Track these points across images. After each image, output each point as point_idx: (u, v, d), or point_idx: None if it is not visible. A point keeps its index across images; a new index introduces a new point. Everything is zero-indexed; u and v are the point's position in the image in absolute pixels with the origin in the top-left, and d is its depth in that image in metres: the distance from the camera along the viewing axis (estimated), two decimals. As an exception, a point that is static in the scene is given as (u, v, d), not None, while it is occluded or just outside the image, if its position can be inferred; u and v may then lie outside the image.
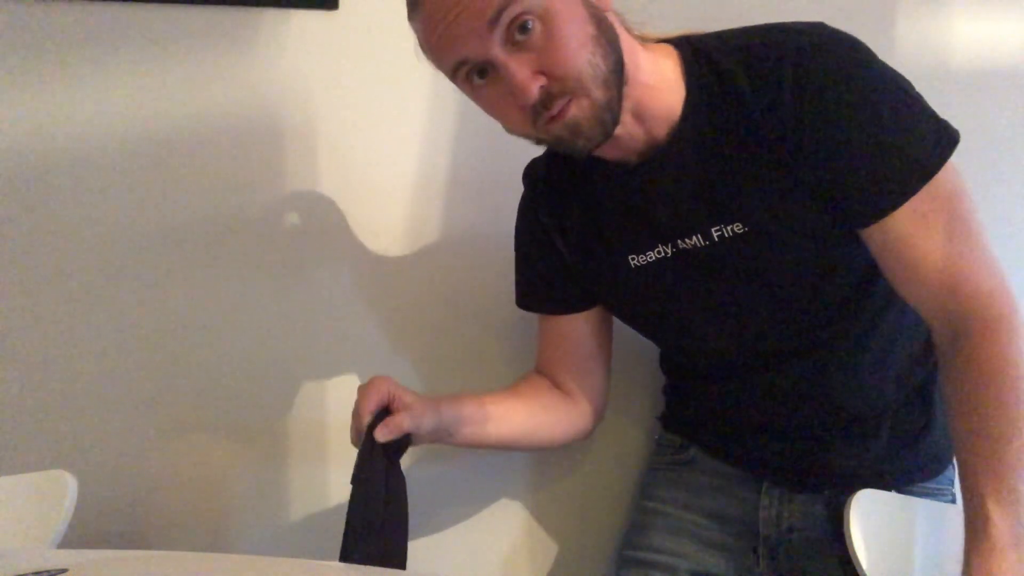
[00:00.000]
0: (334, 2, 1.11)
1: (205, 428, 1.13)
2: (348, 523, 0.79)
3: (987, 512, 0.69)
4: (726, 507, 0.97)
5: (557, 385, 1.02)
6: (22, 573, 0.56)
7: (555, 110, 0.73)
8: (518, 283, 1.02)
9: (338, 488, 1.14)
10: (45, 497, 0.89)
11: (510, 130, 0.80)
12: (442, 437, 0.92)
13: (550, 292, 0.99)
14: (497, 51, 0.71)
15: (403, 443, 0.86)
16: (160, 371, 1.12)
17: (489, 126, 0.80)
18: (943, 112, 0.74)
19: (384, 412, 0.86)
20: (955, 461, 0.95)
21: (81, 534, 0.94)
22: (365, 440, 0.83)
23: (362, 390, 0.87)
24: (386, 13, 1.11)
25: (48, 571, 0.57)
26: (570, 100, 0.73)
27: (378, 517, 0.80)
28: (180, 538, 1.13)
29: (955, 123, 0.75)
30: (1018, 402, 0.71)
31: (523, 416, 0.98)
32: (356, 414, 0.86)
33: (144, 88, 1.10)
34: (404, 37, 0.77)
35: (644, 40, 0.82)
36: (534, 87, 0.71)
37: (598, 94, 0.73)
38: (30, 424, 1.10)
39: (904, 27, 1.16)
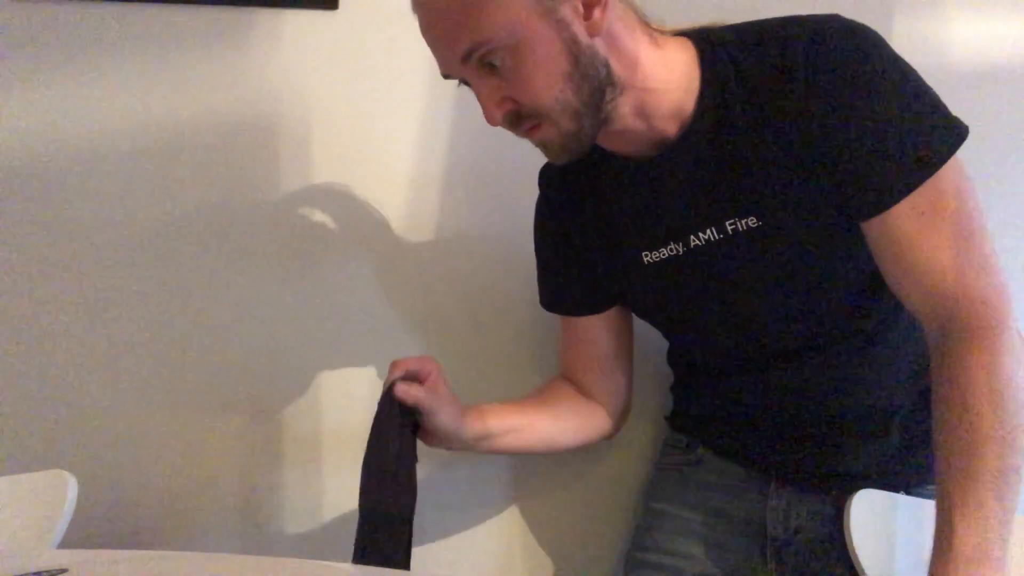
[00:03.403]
0: (334, 2, 1.11)
1: (206, 428, 1.13)
2: (366, 465, 0.84)
3: (952, 524, 0.68)
4: (734, 507, 0.97)
5: (579, 388, 1.02)
6: (22, 573, 0.57)
7: (522, 130, 0.78)
8: (541, 286, 1.02)
9: (336, 488, 1.14)
10: (45, 497, 0.89)
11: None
12: (465, 447, 0.92)
13: (572, 294, 0.99)
14: (470, 75, 0.76)
15: (415, 421, 0.88)
16: (161, 371, 1.12)
17: (487, 124, 0.80)
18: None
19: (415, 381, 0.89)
20: None
21: (81, 534, 0.94)
22: (384, 393, 0.87)
23: (411, 358, 0.90)
24: (386, 13, 1.10)
25: (48, 571, 0.57)
26: (539, 124, 0.77)
27: (391, 464, 0.84)
28: (180, 538, 1.13)
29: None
30: (993, 413, 0.70)
31: (545, 424, 0.99)
32: (392, 366, 0.89)
33: (144, 87, 1.10)
34: (404, 37, 0.77)
35: (661, 33, 0.82)
36: (498, 114, 0.76)
37: (567, 125, 0.77)
38: (30, 424, 1.10)
39: (902, 26, 1.15)
